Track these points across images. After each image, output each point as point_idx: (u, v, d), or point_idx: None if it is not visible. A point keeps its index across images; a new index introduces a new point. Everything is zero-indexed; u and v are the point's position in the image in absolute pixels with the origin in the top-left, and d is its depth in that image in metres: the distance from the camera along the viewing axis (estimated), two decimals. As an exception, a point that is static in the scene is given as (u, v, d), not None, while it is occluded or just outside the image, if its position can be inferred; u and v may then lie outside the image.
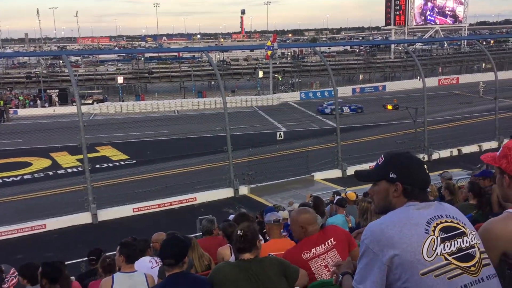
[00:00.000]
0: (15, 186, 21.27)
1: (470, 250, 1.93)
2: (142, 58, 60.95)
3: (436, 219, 1.95)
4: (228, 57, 63.21)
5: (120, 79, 47.61)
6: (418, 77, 30.08)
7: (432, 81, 46.59)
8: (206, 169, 22.30)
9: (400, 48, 65.07)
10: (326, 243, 3.73)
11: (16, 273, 4.15)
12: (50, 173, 23.49)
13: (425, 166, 2.12)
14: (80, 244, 13.13)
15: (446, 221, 1.96)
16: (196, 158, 23.69)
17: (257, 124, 32.48)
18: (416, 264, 1.84)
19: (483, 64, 57.97)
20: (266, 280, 3.36)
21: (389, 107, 30.78)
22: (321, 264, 3.66)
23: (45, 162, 25.20)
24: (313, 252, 3.69)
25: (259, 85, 50.04)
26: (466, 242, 1.94)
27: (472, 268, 1.89)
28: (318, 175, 20.84)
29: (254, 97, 45.70)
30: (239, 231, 3.48)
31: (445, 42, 70.69)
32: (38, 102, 44.55)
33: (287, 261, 3.61)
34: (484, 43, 67.59)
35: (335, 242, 3.74)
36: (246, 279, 3.35)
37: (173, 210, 17.81)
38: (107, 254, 6.43)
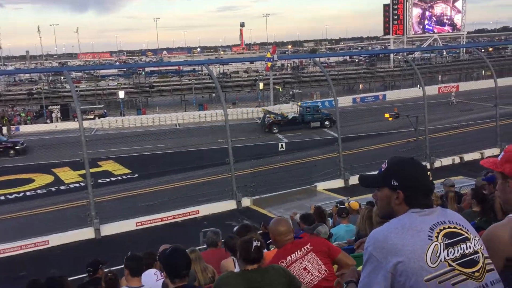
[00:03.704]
0: (17, 202, 21.22)
1: (473, 256, 1.92)
2: (143, 73, 61.26)
3: (439, 225, 1.95)
4: (228, 69, 63.48)
5: (121, 94, 47.79)
6: (418, 86, 30.15)
7: (432, 89, 46.70)
8: (208, 181, 22.27)
9: (399, 57, 65.27)
10: (303, 249, 3.87)
11: None
12: (53, 189, 23.47)
13: (429, 172, 2.12)
14: (84, 259, 13.06)
15: (449, 227, 1.96)
16: (198, 171, 23.70)
17: (259, 135, 32.52)
18: (420, 270, 1.84)
19: (483, 71, 58.10)
20: (271, 286, 3.37)
21: (387, 115, 30.78)
22: (300, 268, 3.79)
23: (48, 178, 25.20)
24: (289, 260, 3.83)
25: (260, 96, 50.20)
26: (470, 248, 1.93)
27: (476, 274, 1.89)
28: (321, 185, 20.78)
29: (255, 108, 45.81)
30: (255, 242, 3.47)
31: (444, 50, 70.94)
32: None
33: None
34: (483, 50, 67.78)
35: (311, 247, 3.87)
36: (250, 289, 3.34)
37: (176, 223, 17.75)
38: (110, 269, 6.41)
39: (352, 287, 2.24)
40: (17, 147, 30.98)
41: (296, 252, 3.84)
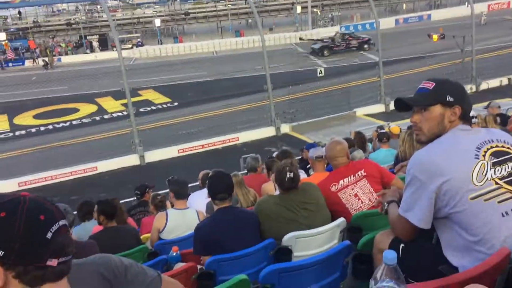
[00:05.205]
0: (65, 131, 22.11)
1: (522, 174, 1.88)
2: (178, -1, 60.02)
3: (487, 143, 1.90)
4: (265, -8, 61.24)
5: (157, 22, 47.34)
6: (466, 3, 28.34)
7: (481, 7, 43.89)
8: (247, 109, 22.34)
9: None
10: (356, 174, 3.77)
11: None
12: (97, 118, 24.18)
13: None
14: (130, 184, 13.68)
15: (497, 146, 1.91)
16: (236, 99, 23.74)
17: (297, 61, 31.92)
18: (465, 189, 1.82)
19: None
20: (309, 203, 3.48)
21: (434, 37, 29.37)
22: (351, 194, 3.72)
23: (91, 108, 25.92)
24: (341, 184, 3.75)
25: (297, 21, 48.66)
26: None
27: (524, 192, 1.86)
28: (361, 111, 20.51)
29: (292, 33, 44.62)
30: (288, 173, 3.50)
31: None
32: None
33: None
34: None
35: (365, 174, 3.78)
36: (289, 209, 3.47)
37: (217, 150, 18.15)
38: (157, 192, 6.71)
39: (394, 207, 2.23)
40: (370, 42, 33.33)
41: (349, 177, 3.76)
